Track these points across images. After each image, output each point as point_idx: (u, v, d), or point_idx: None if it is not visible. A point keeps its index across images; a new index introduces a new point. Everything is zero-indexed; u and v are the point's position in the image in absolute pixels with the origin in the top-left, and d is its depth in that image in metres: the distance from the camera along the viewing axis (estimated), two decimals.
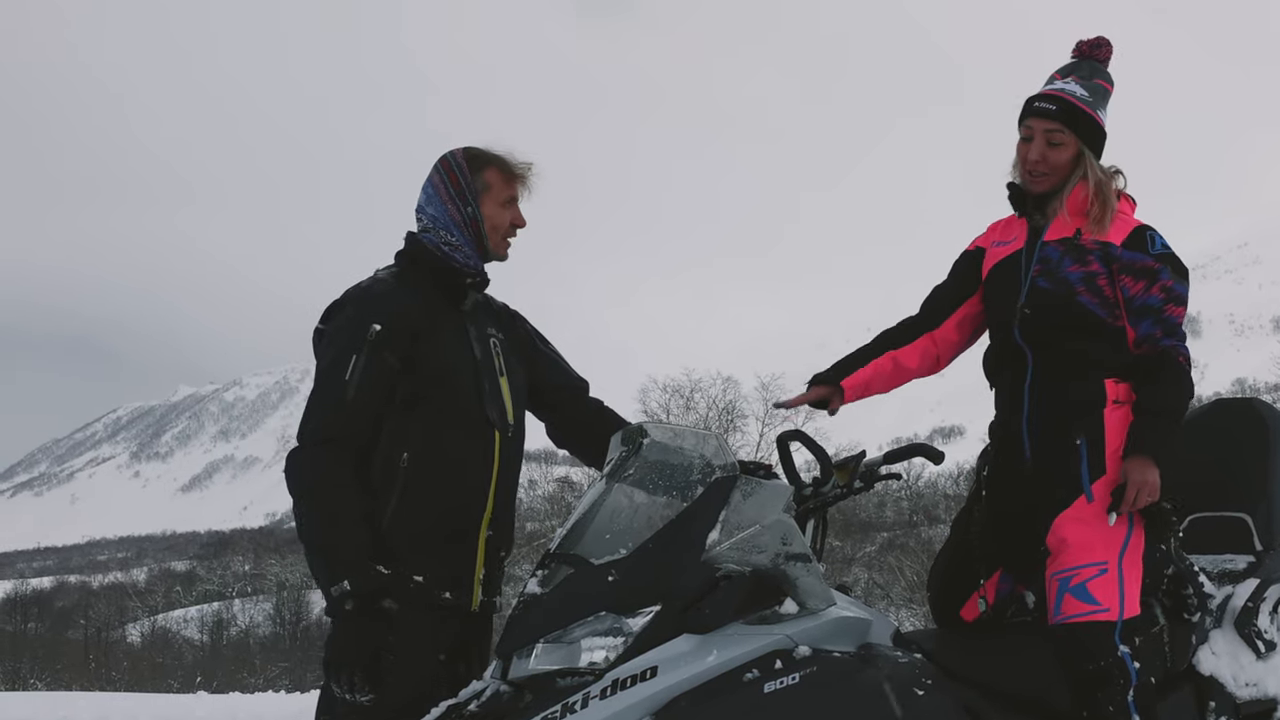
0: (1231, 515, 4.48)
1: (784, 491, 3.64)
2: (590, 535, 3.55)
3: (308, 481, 3.70)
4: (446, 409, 3.83)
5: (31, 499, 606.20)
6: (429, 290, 3.93)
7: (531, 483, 49.62)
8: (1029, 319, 4.04)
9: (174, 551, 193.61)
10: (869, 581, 48.34)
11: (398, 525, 3.75)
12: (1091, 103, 4.05)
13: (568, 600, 3.42)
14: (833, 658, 3.48)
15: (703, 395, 43.29)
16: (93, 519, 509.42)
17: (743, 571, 3.45)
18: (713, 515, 3.47)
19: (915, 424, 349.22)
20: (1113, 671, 3.78)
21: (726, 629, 3.40)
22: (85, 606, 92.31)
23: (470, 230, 3.97)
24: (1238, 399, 4.89)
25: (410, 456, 3.76)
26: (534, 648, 3.38)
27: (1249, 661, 4.24)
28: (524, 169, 4.05)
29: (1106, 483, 3.87)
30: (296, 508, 3.71)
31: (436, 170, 4.02)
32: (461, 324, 3.96)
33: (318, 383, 3.79)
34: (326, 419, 3.73)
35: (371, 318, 3.77)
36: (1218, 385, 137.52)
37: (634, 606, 3.37)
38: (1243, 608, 4.28)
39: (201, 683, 54.99)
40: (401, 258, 4.03)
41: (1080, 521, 3.86)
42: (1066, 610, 3.83)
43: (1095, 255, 3.98)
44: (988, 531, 4.12)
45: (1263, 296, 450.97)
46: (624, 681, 3.29)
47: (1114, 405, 3.94)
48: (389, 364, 3.76)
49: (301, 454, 3.73)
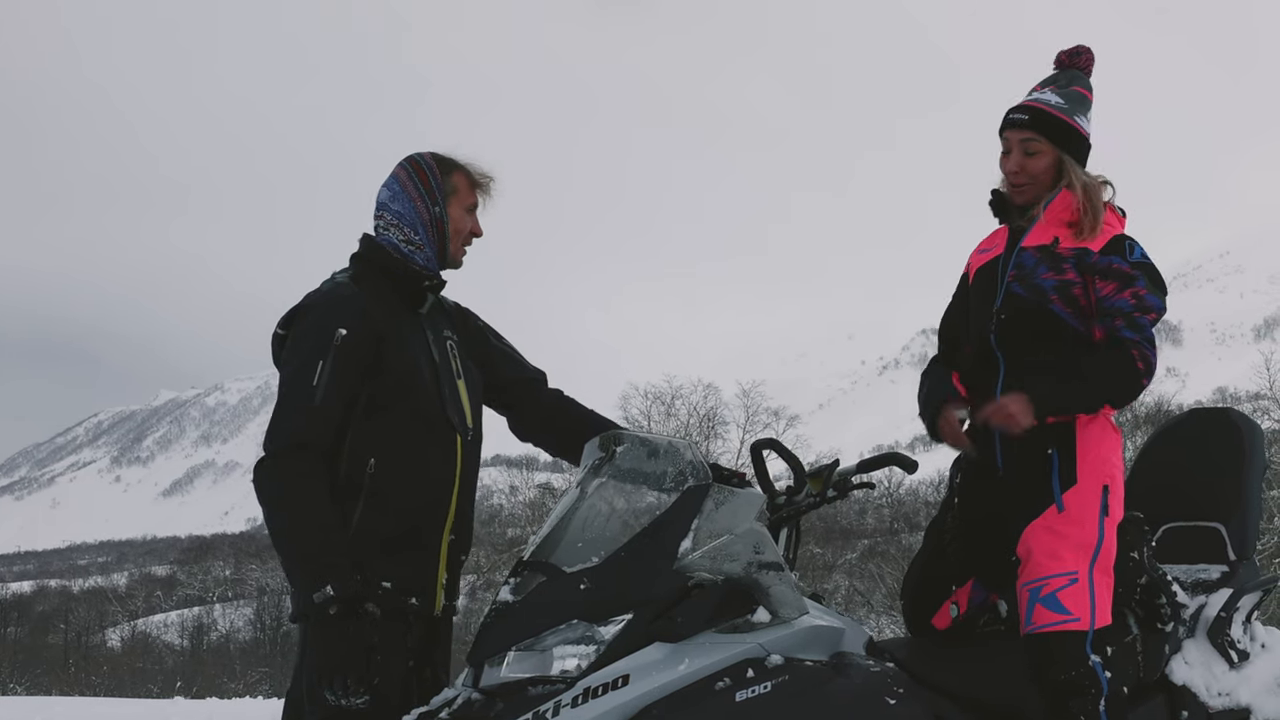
0: (1206, 525, 4.49)
1: (756, 500, 3.63)
2: (563, 543, 3.55)
3: (282, 489, 3.66)
4: (410, 414, 3.81)
5: (12, 503, 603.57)
6: (388, 294, 3.90)
7: (513, 489, 49.58)
8: (1004, 324, 4.03)
9: (154, 556, 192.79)
10: (850, 589, 48.35)
11: (365, 532, 3.72)
12: (1067, 110, 4.04)
13: (540, 608, 3.42)
14: (805, 666, 3.48)
15: (684, 402, 43.35)
16: (73, 523, 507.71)
17: (715, 580, 3.45)
18: (685, 524, 3.47)
19: (897, 432, 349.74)
20: (1084, 681, 3.78)
21: (698, 637, 3.40)
22: (65, 611, 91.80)
23: (435, 230, 3.94)
24: (1213, 408, 4.90)
25: (376, 463, 3.74)
26: (506, 655, 3.38)
27: (1222, 671, 4.24)
28: (487, 179, 4.06)
29: (1077, 492, 3.87)
30: (270, 516, 3.66)
31: (404, 168, 3.99)
32: (420, 327, 3.94)
33: (284, 389, 3.76)
34: (296, 426, 3.69)
35: (336, 323, 3.75)
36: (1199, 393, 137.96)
37: (606, 615, 3.37)
38: (1216, 617, 4.28)
39: (181, 688, 54.79)
40: (357, 261, 3.99)
41: (1050, 531, 3.86)
42: (1037, 620, 3.83)
43: (1070, 263, 3.96)
44: (960, 540, 4.12)
45: (1244, 305, 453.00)
46: (595, 690, 3.28)
47: (1086, 415, 3.94)
48: (355, 369, 3.73)
49: (273, 462, 3.69)
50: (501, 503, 52.07)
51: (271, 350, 3.90)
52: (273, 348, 3.90)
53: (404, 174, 3.98)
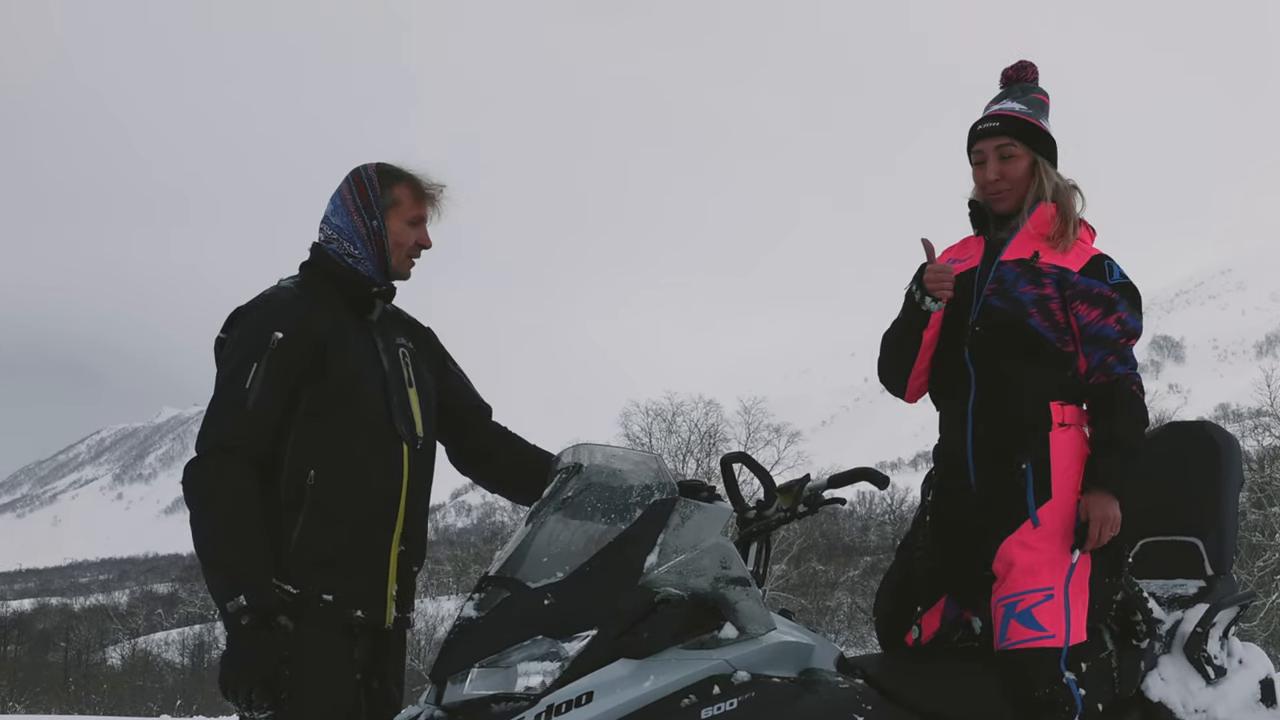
0: (1183, 540, 4.45)
1: (723, 514, 3.60)
2: (528, 558, 3.51)
3: (207, 492, 3.62)
4: (353, 422, 3.76)
5: (13, 521, 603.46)
6: (334, 300, 3.87)
7: (515, 505, 49.53)
8: (979, 337, 4.01)
9: (156, 574, 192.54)
10: (852, 605, 48.25)
11: (306, 543, 3.67)
12: (1032, 114, 4.08)
13: (504, 624, 3.38)
14: (772, 683, 3.45)
15: (684, 419, 43.39)
16: (75, 541, 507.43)
17: (681, 595, 3.42)
18: (651, 538, 3.44)
19: (900, 449, 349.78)
20: (1058, 699, 3.75)
21: (664, 654, 3.37)
22: (66, 629, 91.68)
23: (374, 244, 3.90)
24: (1189, 422, 4.86)
25: (317, 473, 3.69)
26: (469, 672, 3.35)
27: (1198, 688, 4.20)
28: (435, 190, 4.01)
29: (1052, 507, 3.85)
30: (194, 520, 3.63)
31: (346, 182, 3.97)
32: (369, 334, 3.90)
33: (217, 391, 3.72)
34: (226, 429, 3.65)
35: (273, 326, 3.71)
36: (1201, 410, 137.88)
37: (570, 631, 3.34)
38: (1192, 633, 4.23)
39: (181, 706, 54.69)
40: (305, 268, 3.97)
41: (1026, 546, 3.84)
42: (1012, 636, 3.80)
43: (1051, 279, 3.96)
44: (933, 556, 4.09)
45: (1246, 322, 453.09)
46: (559, 707, 3.25)
47: (1060, 428, 3.92)
48: (290, 373, 3.69)
49: (200, 464, 3.65)
50: (504, 520, 52.05)
51: (214, 355, 3.85)
52: (215, 351, 3.85)
53: (345, 188, 3.95)
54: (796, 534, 45.36)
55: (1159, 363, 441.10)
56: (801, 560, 45.31)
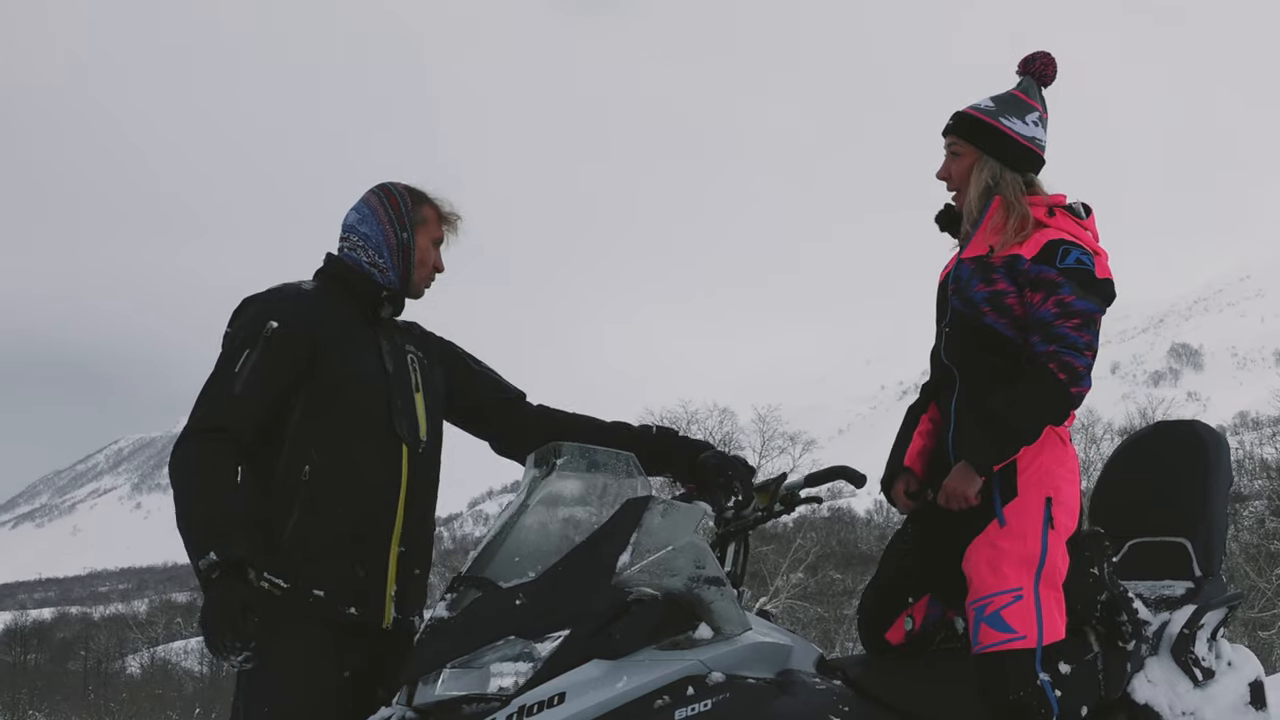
0: (1171, 540, 4.40)
1: (698, 513, 3.57)
2: (500, 558, 3.49)
3: (184, 468, 3.65)
4: (349, 421, 3.77)
5: (33, 530, 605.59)
6: (345, 302, 3.90)
7: None
8: (949, 339, 4.00)
9: (175, 583, 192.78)
10: None
11: (298, 538, 3.69)
12: (993, 111, 4.03)
13: (475, 624, 3.36)
14: (747, 684, 3.42)
15: (699, 427, 43.27)
16: (94, 550, 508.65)
17: (654, 595, 3.39)
18: (624, 537, 3.40)
19: None
20: (1032, 702, 3.70)
21: (637, 654, 3.34)
22: (86, 638, 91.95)
23: (401, 256, 3.94)
24: (1177, 421, 4.81)
25: (311, 469, 3.72)
26: (441, 673, 3.33)
27: (1186, 690, 4.15)
28: (455, 217, 4.09)
29: (1018, 505, 3.81)
30: (175, 494, 3.65)
31: (375, 193, 4.01)
32: (374, 337, 3.92)
33: (210, 376, 3.76)
34: (211, 410, 3.69)
35: (270, 316, 3.76)
36: (1220, 417, 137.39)
37: (543, 631, 3.32)
38: (1179, 635, 4.18)
39: (200, 715, 54.82)
40: (319, 275, 4.00)
41: (992, 547, 3.79)
42: (983, 640, 3.75)
43: (1001, 273, 3.91)
44: (916, 556, 4.05)
45: (1265, 329, 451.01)
46: (531, 708, 3.23)
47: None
48: (284, 363, 3.72)
49: (183, 442, 3.70)
50: None
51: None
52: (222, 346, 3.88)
53: (375, 199, 4.00)
54: (813, 541, 45.29)
55: (1178, 370, 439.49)
56: (819, 568, 45.21)
